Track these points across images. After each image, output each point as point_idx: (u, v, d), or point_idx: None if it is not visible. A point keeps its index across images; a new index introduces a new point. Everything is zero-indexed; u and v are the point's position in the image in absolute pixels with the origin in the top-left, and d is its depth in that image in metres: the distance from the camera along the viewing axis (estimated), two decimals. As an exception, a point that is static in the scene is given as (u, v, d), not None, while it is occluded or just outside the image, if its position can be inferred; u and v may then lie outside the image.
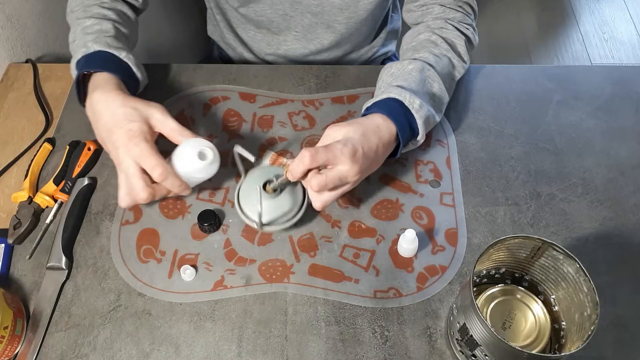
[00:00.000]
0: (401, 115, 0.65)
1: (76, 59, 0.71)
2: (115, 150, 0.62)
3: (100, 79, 0.68)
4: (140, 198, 0.61)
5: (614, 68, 0.86)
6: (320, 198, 0.62)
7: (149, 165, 0.60)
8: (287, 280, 0.65)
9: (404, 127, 0.65)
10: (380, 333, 0.61)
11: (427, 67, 0.71)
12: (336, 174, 0.59)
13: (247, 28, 0.94)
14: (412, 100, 0.66)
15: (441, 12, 0.77)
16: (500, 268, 0.60)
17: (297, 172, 0.60)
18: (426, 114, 0.67)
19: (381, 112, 0.65)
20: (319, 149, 0.58)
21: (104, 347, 0.60)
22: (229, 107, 0.81)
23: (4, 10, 0.84)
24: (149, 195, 0.61)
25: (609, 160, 0.74)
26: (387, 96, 0.66)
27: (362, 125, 0.62)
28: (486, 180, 0.73)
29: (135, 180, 0.60)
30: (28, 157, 0.75)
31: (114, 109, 0.63)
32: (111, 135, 0.62)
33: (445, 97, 0.73)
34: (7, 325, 0.58)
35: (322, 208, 0.63)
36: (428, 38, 0.75)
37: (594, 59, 2.04)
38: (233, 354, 0.60)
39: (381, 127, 0.63)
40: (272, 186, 0.64)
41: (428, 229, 0.68)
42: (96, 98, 0.65)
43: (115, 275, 0.65)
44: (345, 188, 0.62)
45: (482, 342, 0.50)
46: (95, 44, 0.70)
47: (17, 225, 0.67)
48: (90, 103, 0.66)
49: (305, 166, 0.58)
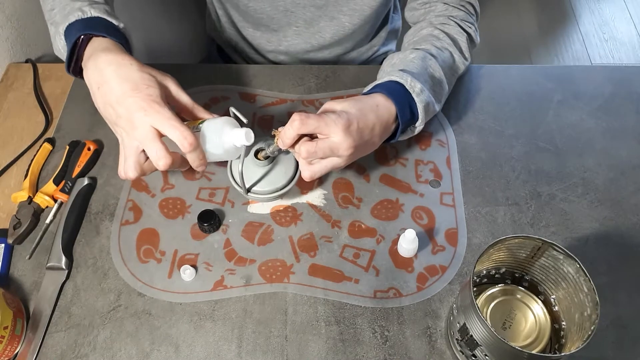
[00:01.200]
0: (402, 97, 0.64)
1: (68, 22, 0.64)
2: (129, 115, 0.56)
3: (105, 43, 0.62)
4: (161, 164, 0.55)
5: (614, 68, 0.86)
6: (310, 168, 0.60)
7: (178, 133, 0.55)
8: (287, 280, 0.65)
9: (404, 109, 0.64)
10: (380, 333, 0.61)
11: (429, 57, 0.71)
12: (327, 144, 0.58)
13: (245, 25, 0.94)
14: (414, 84, 0.65)
15: (444, 9, 0.78)
16: (500, 268, 0.60)
17: (287, 138, 0.58)
18: (427, 99, 0.66)
19: (382, 91, 0.64)
20: (310, 115, 0.57)
21: (104, 347, 0.60)
22: (229, 107, 0.80)
23: (4, 10, 0.84)
24: (169, 161, 0.56)
25: (610, 160, 0.74)
26: (389, 79, 0.65)
27: (360, 101, 0.62)
28: (486, 180, 0.73)
29: (156, 145, 0.55)
30: (28, 157, 0.75)
31: (129, 72, 0.58)
32: (125, 99, 0.57)
33: (445, 88, 0.72)
34: (7, 325, 0.58)
35: (310, 178, 0.61)
36: (430, 33, 0.75)
37: (594, 59, 2.04)
38: (233, 354, 0.60)
39: (380, 106, 0.62)
40: (263, 154, 0.64)
41: (428, 229, 0.68)
42: (106, 60, 0.59)
43: (115, 275, 0.65)
44: (336, 162, 0.60)
45: (482, 342, 0.50)
46: (92, 9, 0.65)
47: (17, 225, 0.67)
48: (95, 65, 0.60)
49: (295, 130, 0.57)
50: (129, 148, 0.58)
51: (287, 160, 0.67)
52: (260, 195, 0.65)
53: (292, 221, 0.69)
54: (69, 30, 0.65)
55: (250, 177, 0.65)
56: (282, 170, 0.66)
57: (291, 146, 0.60)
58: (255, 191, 0.65)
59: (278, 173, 0.66)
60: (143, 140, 0.56)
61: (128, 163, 0.58)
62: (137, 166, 0.58)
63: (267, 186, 0.65)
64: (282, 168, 0.66)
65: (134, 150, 0.58)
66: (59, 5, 0.67)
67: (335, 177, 0.73)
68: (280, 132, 0.59)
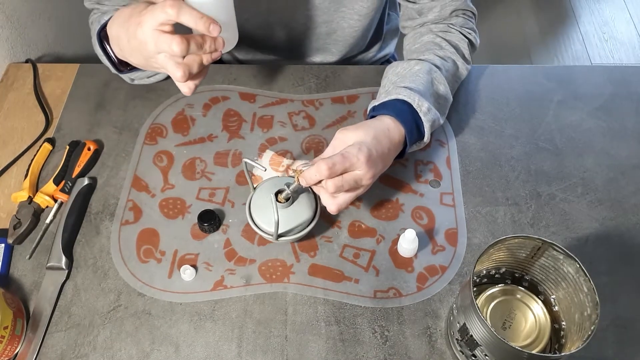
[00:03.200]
0: (409, 117, 0.65)
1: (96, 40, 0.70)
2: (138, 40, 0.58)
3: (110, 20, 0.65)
4: (176, 49, 0.56)
5: (614, 68, 0.86)
6: (336, 201, 0.61)
7: (166, 8, 0.55)
8: (287, 280, 0.65)
9: (412, 130, 0.65)
10: (380, 333, 0.61)
11: (434, 69, 0.71)
12: (352, 177, 0.59)
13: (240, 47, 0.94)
14: (421, 103, 0.65)
15: (442, 19, 0.77)
16: (500, 268, 0.60)
17: (312, 181, 0.59)
18: (433, 117, 0.67)
19: (390, 114, 0.65)
20: (335, 160, 0.57)
21: (104, 347, 0.60)
22: (229, 107, 0.80)
23: (4, 10, 0.84)
24: (181, 44, 0.55)
25: (609, 160, 0.74)
26: (396, 97, 0.66)
27: (373, 128, 0.62)
28: (486, 180, 0.73)
29: (162, 38, 0.56)
30: (28, 157, 0.75)
31: (123, 15, 0.61)
32: (130, 35, 0.59)
33: (450, 100, 0.73)
34: (7, 325, 0.58)
35: (337, 211, 0.62)
36: (432, 40, 0.75)
37: (594, 59, 2.04)
38: (233, 354, 0.60)
39: (391, 129, 0.63)
40: (284, 195, 0.62)
41: (428, 229, 0.68)
42: (110, 30, 0.63)
43: (115, 275, 0.65)
44: (359, 191, 0.62)
45: (482, 342, 0.50)
46: (105, 15, 0.69)
47: (17, 225, 0.67)
48: (112, 21, 0.63)
49: (322, 177, 0.58)
50: (162, 61, 0.58)
51: (305, 195, 0.65)
52: (289, 237, 0.63)
53: (292, 221, 0.69)
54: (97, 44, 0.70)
55: (272, 220, 0.61)
56: (304, 206, 0.64)
57: None
58: (282, 234, 0.63)
59: (301, 210, 0.64)
60: (156, 44, 0.56)
61: (172, 71, 0.58)
62: (180, 67, 0.58)
63: (293, 224, 0.63)
64: (304, 205, 0.64)
65: (166, 59, 0.58)
66: (94, 35, 0.71)
67: (335, 177, 0.73)
68: (304, 174, 0.59)
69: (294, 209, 0.63)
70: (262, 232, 0.63)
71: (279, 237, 0.62)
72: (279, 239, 0.63)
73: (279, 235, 0.62)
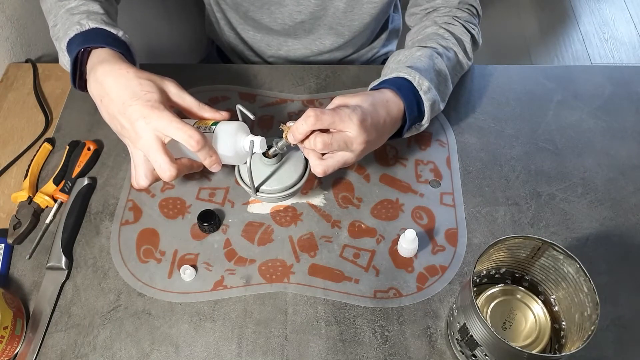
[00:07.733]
0: (410, 93, 0.64)
1: (68, 38, 0.64)
2: (131, 124, 0.56)
3: (103, 54, 0.62)
4: (166, 176, 0.55)
5: (614, 68, 0.86)
6: (323, 162, 0.59)
7: (182, 132, 0.54)
8: (287, 280, 0.65)
9: (411, 106, 0.64)
10: (380, 333, 0.61)
11: (435, 55, 0.70)
12: (342, 137, 0.57)
13: (246, 29, 0.94)
14: (421, 81, 0.65)
15: (447, 11, 0.78)
16: (500, 268, 0.60)
17: (299, 133, 0.56)
18: (433, 97, 0.66)
19: (390, 87, 0.63)
20: (325, 110, 0.56)
21: (104, 347, 0.60)
22: (229, 107, 0.80)
23: (4, 10, 0.84)
24: (175, 172, 0.55)
25: (609, 160, 0.74)
26: (397, 75, 0.65)
27: (371, 96, 0.61)
28: (486, 180, 0.73)
29: (159, 156, 0.55)
30: (28, 157, 0.75)
31: (127, 80, 0.58)
32: (126, 108, 0.56)
33: (450, 87, 0.72)
34: (7, 325, 0.58)
35: (323, 174, 0.59)
36: (435, 31, 0.75)
37: (594, 59, 2.04)
38: (233, 354, 0.60)
39: (390, 101, 0.62)
40: (271, 151, 0.62)
41: (428, 229, 0.68)
42: (104, 71, 0.59)
43: (115, 275, 0.65)
44: (347, 156, 0.59)
45: (482, 342, 0.50)
46: (90, 21, 0.64)
47: (17, 225, 0.67)
48: (95, 78, 0.60)
49: (309, 126, 0.55)
50: (137, 158, 0.58)
51: (295, 159, 0.65)
52: (269, 195, 0.63)
53: (292, 221, 0.69)
54: (70, 45, 0.64)
55: (258, 176, 0.63)
56: (291, 168, 0.64)
57: (301, 142, 0.58)
58: (264, 190, 0.63)
59: (287, 171, 0.64)
60: (147, 151, 0.56)
61: (138, 172, 0.58)
62: (148, 174, 0.58)
63: (276, 185, 0.63)
64: (291, 166, 0.64)
65: (142, 160, 0.58)
66: (60, 21, 0.67)
67: (335, 177, 0.73)
68: (292, 127, 0.57)
69: (283, 171, 0.63)
70: (245, 184, 0.63)
71: (258, 191, 0.62)
72: (257, 193, 0.62)
73: (261, 190, 0.62)
